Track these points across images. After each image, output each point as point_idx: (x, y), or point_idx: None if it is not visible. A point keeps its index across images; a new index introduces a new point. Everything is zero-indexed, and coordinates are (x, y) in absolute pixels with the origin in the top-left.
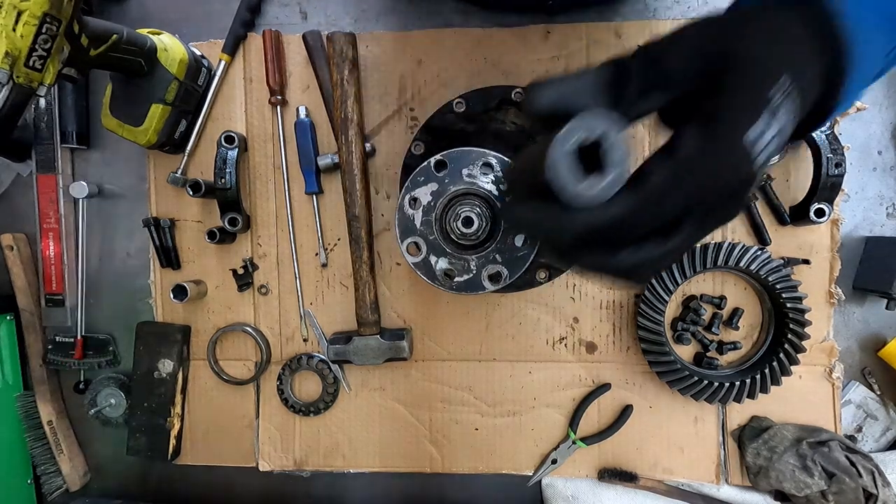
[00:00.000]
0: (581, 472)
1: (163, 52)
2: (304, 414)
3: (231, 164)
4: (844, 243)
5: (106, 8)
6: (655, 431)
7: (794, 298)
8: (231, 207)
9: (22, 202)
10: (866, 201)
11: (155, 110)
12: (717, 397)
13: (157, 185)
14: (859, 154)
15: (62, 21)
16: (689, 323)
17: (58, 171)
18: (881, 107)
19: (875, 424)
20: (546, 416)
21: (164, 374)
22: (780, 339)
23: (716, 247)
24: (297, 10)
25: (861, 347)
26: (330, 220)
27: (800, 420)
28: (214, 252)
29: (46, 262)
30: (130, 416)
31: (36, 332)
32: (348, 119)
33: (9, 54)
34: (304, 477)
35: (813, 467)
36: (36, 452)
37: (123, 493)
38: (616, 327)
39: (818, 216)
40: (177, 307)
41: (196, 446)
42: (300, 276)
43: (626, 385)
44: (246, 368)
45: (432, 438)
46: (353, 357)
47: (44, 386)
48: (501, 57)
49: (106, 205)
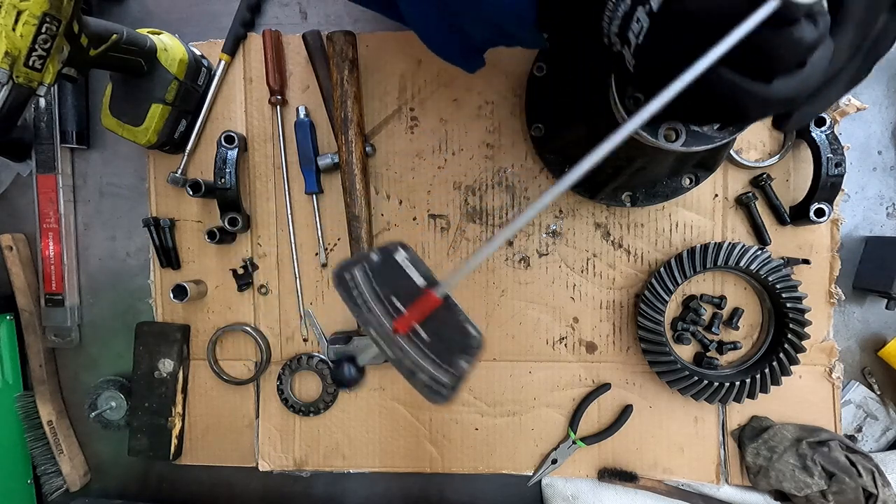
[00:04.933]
0: (581, 472)
1: (163, 52)
2: (303, 414)
3: (231, 164)
4: (844, 243)
5: (106, 8)
6: (655, 431)
7: (794, 298)
8: (231, 207)
9: (22, 202)
10: (866, 201)
11: (155, 110)
12: (717, 397)
13: (157, 185)
14: (859, 154)
15: (62, 21)
16: (689, 323)
17: (58, 171)
18: (881, 107)
19: (875, 424)
20: (546, 416)
21: (165, 374)
22: (780, 339)
23: (716, 247)
24: (297, 10)
25: (861, 347)
26: (330, 220)
27: (800, 420)
28: (214, 252)
29: (46, 262)
30: (131, 417)
31: (36, 332)
32: (348, 119)
33: (8, 54)
34: (304, 477)
35: (813, 467)
36: (36, 452)
37: (123, 493)
38: (616, 327)
39: (818, 216)
40: (176, 307)
41: (196, 446)
42: (300, 276)
43: (626, 385)
44: (246, 368)
45: (432, 438)
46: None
47: (44, 386)
48: (501, 57)
49: (106, 205)
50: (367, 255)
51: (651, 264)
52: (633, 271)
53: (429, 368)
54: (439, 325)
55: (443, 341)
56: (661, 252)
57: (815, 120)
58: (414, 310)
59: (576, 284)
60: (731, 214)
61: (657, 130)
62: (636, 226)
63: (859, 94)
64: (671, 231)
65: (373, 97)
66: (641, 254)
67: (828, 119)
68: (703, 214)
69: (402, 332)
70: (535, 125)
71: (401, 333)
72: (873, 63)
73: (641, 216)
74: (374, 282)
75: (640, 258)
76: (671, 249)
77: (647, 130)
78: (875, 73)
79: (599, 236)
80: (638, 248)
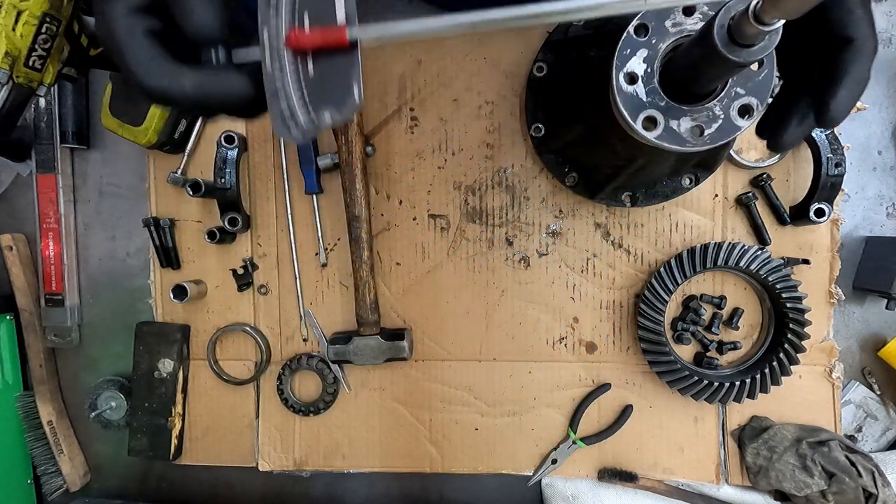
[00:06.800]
0: (581, 472)
1: None
2: (303, 414)
3: (231, 164)
4: (844, 243)
5: None
6: (655, 431)
7: (794, 298)
8: (231, 207)
9: (22, 202)
10: (866, 201)
11: (155, 110)
12: (717, 397)
13: (157, 185)
14: (859, 154)
15: (62, 21)
16: (689, 323)
17: (57, 171)
18: (881, 107)
19: (875, 424)
20: (546, 416)
21: (165, 374)
22: (780, 339)
23: (716, 247)
24: None
25: (861, 347)
26: (330, 220)
27: (800, 420)
28: (214, 252)
29: (46, 262)
30: (131, 417)
31: (36, 332)
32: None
33: (8, 54)
34: (304, 477)
35: (813, 467)
36: (36, 452)
37: (123, 493)
38: (616, 327)
39: (818, 216)
40: (176, 307)
41: (196, 446)
42: (300, 276)
43: (626, 385)
44: (246, 368)
45: (432, 438)
46: (353, 357)
47: (44, 386)
48: (501, 57)
49: (106, 205)
50: None
51: (651, 264)
52: (633, 271)
53: (294, 101)
54: (329, 68)
55: (323, 86)
56: (661, 252)
57: None
58: (317, 34)
59: (576, 284)
60: (731, 214)
61: (638, 115)
62: (636, 226)
63: None
64: (671, 231)
65: (373, 97)
66: (641, 254)
67: None
68: (703, 214)
69: (292, 48)
70: (535, 125)
71: (290, 48)
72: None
73: (641, 216)
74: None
75: (640, 258)
76: (671, 249)
77: (629, 111)
78: (875, 74)
79: (599, 236)
80: (638, 248)
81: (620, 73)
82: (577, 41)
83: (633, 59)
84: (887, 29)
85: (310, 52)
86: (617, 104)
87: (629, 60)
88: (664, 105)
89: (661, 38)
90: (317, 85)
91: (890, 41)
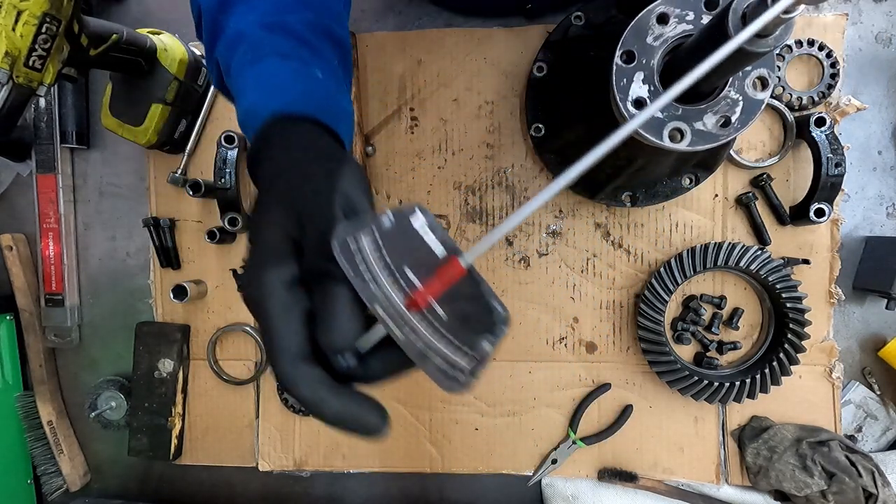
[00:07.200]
0: (581, 472)
1: (163, 52)
2: (304, 414)
3: (231, 164)
4: (844, 243)
5: (106, 8)
6: (655, 431)
7: (794, 298)
8: (231, 207)
9: (22, 202)
10: (866, 201)
11: (155, 110)
12: (717, 397)
13: (157, 185)
14: (859, 154)
15: (62, 21)
16: (689, 323)
17: (57, 171)
18: (881, 107)
19: (875, 424)
20: (546, 416)
21: (165, 374)
22: (780, 339)
23: (716, 247)
24: None
25: (861, 347)
26: None
27: (800, 420)
28: (214, 252)
29: (46, 262)
30: (131, 417)
31: (35, 332)
32: None
33: (8, 54)
34: (304, 477)
35: (813, 467)
36: (36, 452)
37: (123, 493)
38: (616, 327)
39: (818, 216)
40: (176, 307)
41: (196, 446)
42: None
43: (626, 385)
44: (246, 368)
45: (432, 438)
46: None
47: (44, 386)
48: (501, 57)
49: (106, 205)
50: (377, 219)
51: (651, 264)
52: (633, 271)
53: (444, 351)
54: (459, 300)
55: (462, 319)
56: (661, 252)
57: (815, 120)
58: (432, 282)
59: (576, 284)
60: (731, 214)
61: (661, 131)
62: (636, 226)
63: (859, 94)
64: (671, 231)
65: (373, 97)
66: (641, 254)
67: (828, 119)
68: (703, 214)
69: (418, 309)
70: (535, 125)
71: (415, 310)
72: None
73: (641, 216)
74: (384, 250)
75: (640, 258)
76: (671, 249)
77: (651, 132)
78: (875, 74)
79: (599, 236)
80: (638, 248)
81: (627, 102)
82: (577, 41)
83: (634, 85)
84: (887, 29)
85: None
86: (641, 134)
87: (630, 88)
88: (681, 113)
89: (649, 55)
90: (455, 322)
91: (890, 41)
